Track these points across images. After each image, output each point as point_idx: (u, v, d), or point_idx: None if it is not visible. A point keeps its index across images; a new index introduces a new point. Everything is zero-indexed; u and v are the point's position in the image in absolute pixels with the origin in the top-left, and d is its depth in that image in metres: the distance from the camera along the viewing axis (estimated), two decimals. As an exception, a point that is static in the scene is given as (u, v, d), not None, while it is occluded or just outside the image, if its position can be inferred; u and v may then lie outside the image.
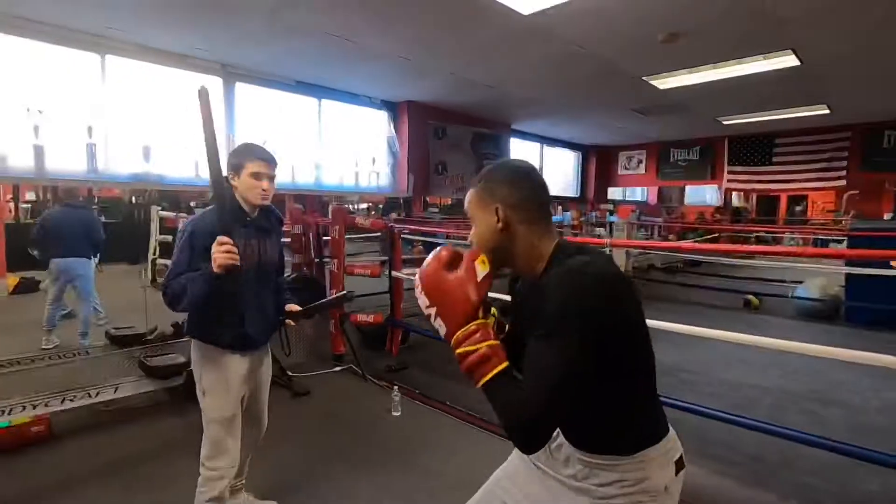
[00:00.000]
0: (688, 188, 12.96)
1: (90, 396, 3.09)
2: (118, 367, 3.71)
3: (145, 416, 3.43)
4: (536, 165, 6.17)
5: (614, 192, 10.95)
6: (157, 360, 3.48)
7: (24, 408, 2.90)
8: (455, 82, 4.88)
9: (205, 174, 4.68)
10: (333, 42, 3.76)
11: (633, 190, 10.80)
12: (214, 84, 4.33)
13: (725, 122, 7.24)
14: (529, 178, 1.01)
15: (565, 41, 3.69)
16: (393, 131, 5.69)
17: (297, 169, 4.89)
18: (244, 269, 1.80)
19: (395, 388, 3.63)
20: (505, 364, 0.87)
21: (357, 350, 4.52)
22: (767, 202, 14.80)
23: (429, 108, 5.97)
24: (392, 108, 5.76)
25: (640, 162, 9.84)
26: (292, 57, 4.21)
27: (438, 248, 0.98)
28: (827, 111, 6.45)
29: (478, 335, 0.87)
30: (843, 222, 8.08)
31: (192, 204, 13.33)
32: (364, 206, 15.01)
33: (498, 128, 7.15)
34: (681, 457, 1.02)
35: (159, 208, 8.74)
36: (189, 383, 1.94)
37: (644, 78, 4.77)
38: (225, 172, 1.85)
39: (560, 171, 10.23)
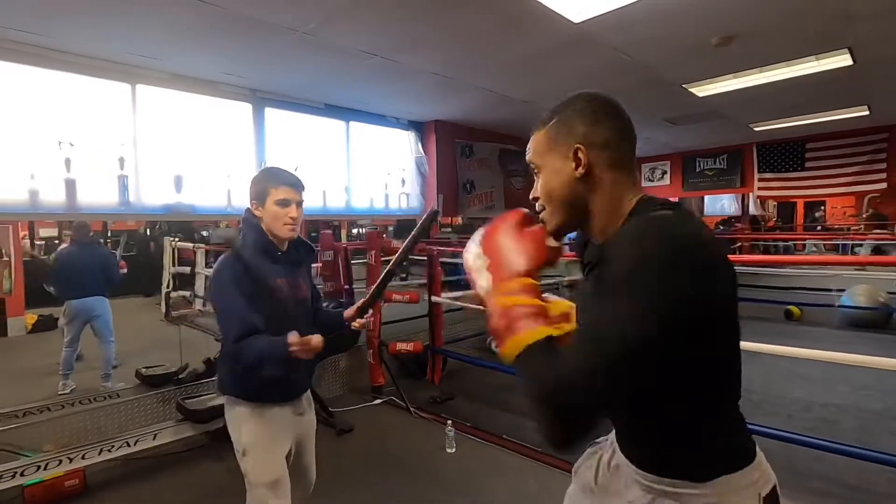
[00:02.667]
0: (706, 198, 12.75)
1: (129, 445, 2.88)
2: (153, 410, 3.50)
3: (183, 462, 3.21)
4: None
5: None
6: (195, 403, 3.26)
7: (60, 461, 2.68)
8: (489, 99, 4.74)
9: (237, 203, 4.58)
10: (368, 61, 3.63)
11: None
12: (244, 110, 4.21)
13: (756, 129, 7.05)
14: (618, 112, 0.83)
15: (612, 50, 3.54)
16: (421, 151, 5.56)
17: (328, 193, 4.74)
18: (289, 309, 1.66)
19: (449, 422, 3.39)
20: (546, 332, 0.68)
21: (396, 381, 4.30)
22: (786, 209, 14.51)
23: (456, 126, 5.84)
24: (419, 127, 5.64)
25: (664, 173, 9.64)
26: (322, 79, 4.09)
27: (514, 210, 0.85)
28: (866, 112, 6.24)
29: (518, 293, 0.72)
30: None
31: (204, 233, 13.31)
32: (365, 230, 14.79)
33: (524, 144, 6.99)
34: (773, 490, 0.79)
35: (173, 239, 8.67)
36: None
37: (684, 85, 4.61)
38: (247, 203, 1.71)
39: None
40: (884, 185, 7.39)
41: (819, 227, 13.54)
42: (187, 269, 6.68)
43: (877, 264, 6.11)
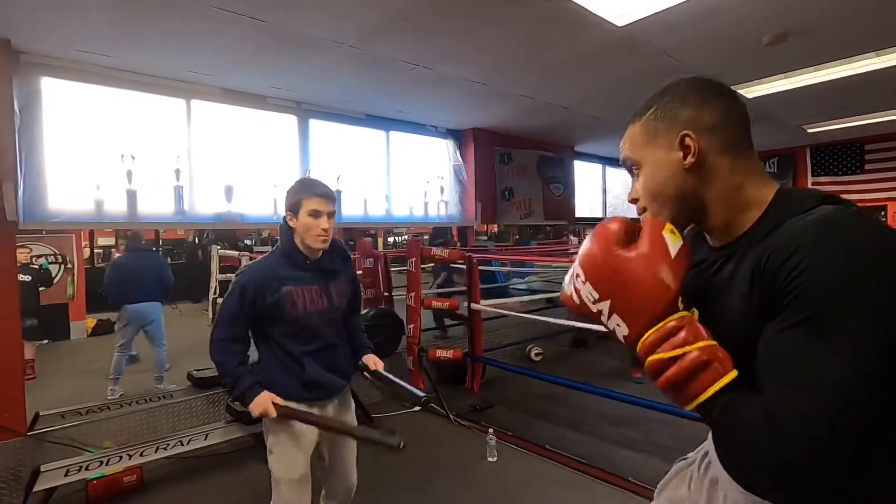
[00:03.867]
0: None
1: (182, 445, 2.99)
2: (203, 411, 3.64)
3: (231, 462, 3.31)
4: (598, 187, 5.89)
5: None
6: (244, 404, 3.38)
7: (121, 458, 2.82)
8: (528, 105, 4.72)
9: (283, 212, 4.72)
10: (409, 72, 3.69)
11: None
12: (290, 122, 4.36)
13: (810, 130, 6.71)
14: (727, 92, 0.74)
15: (657, 53, 3.46)
16: (460, 159, 5.58)
17: (368, 202, 4.82)
18: (310, 316, 1.74)
19: (490, 430, 3.36)
20: (734, 373, 0.58)
21: (436, 388, 4.30)
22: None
23: (494, 133, 5.84)
24: (457, 136, 5.67)
25: (709, 178, 9.28)
26: (364, 90, 4.18)
27: (605, 220, 0.71)
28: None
29: (682, 334, 0.60)
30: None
31: (247, 242, 13.78)
32: (406, 237, 14.94)
33: (562, 151, 6.94)
34: None
35: (219, 247, 9.02)
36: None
37: (733, 87, 4.44)
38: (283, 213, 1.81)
39: (624, 192, 9.85)
40: (954, 188, 6.88)
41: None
42: (232, 276, 6.91)
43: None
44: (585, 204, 7.61)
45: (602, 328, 0.72)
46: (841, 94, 4.79)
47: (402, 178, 5.19)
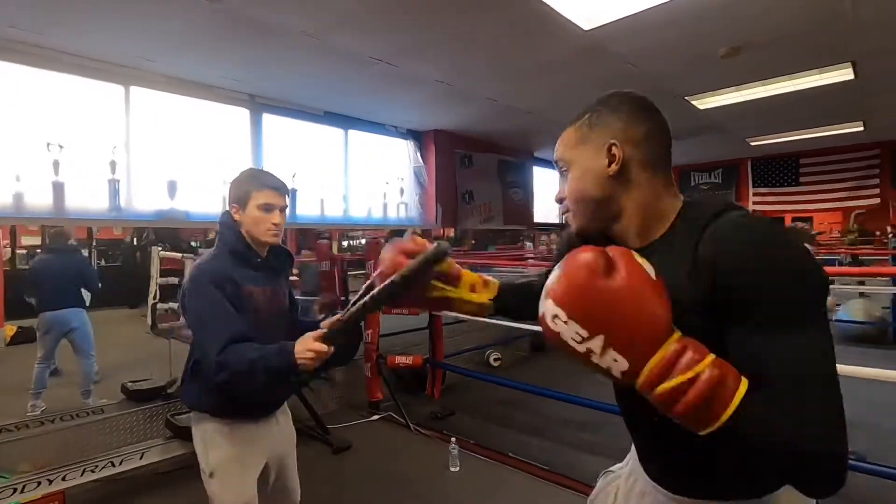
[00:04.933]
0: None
1: (113, 465, 2.69)
2: (140, 427, 3.32)
3: (172, 483, 3.02)
4: (555, 193, 6.01)
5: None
6: (186, 419, 3.08)
7: (39, 483, 2.49)
8: (492, 108, 4.69)
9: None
10: (373, 67, 3.56)
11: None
12: (241, 115, 4.10)
13: (753, 143, 7.10)
14: (655, 110, 0.77)
15: (619, 59, 3.50)
16: (420, 161, 5.48)
17: (326, 202, 4.63)
18: (262, 319, 1.51)
19: (453, 440, 3.25)
20: (745, 382, 0.59)
21: (395, 396, 4.15)
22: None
23: (455, 136, 5.78)
24: (417, 137, 5.57)
25: (659, 187, 9.67)
26: (324, 85, 4.00)
27: (578, 250, 0.65)
28: (861, 128, 6.32)
29: (689, 353, 0.59)
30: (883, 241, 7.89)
31: (193, 243, 13.06)
32: (364, 241, 14.64)
33: (522, 155, 6.98)
34: None
35: (160, 248, 8.48)
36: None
37: (686, 98, 4.60)
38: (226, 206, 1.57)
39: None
40: (877, 201, 7.47)
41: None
42: (175, 280, 6.50)
43: (884, 274, 6.14)
44: (542, 209, 7.70)
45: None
46: (784, 109, 5.07)
47: (361, 178, 5.03)
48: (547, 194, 7.98)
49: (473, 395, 4.67)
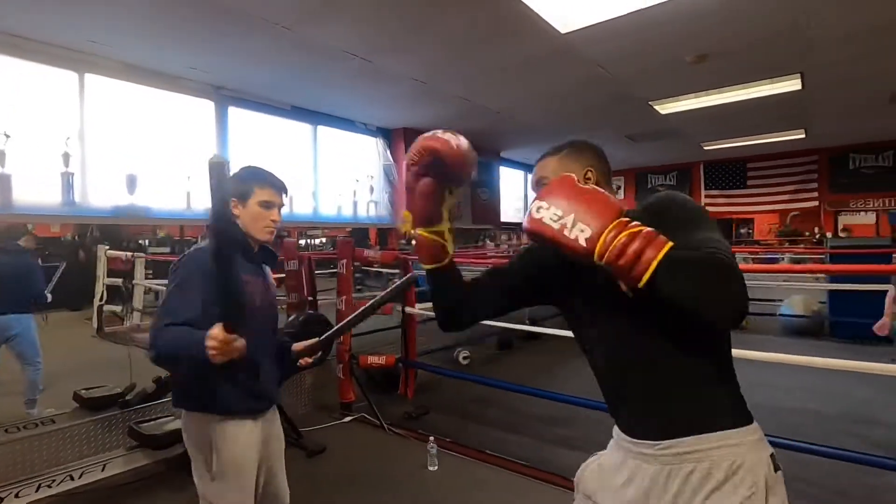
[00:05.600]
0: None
1: (73, 479, 2.51)
2: (97, 437, 3.10)
3: (136, 495, 2.85)
4: (520, 193, 6.07)
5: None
6: (151, 427, 2.91)
7: (-12, 502, 2.29)
8: (463, 108, 4.70)
9: (197, 206, 4.25)
10: (347, 62, 3.49)
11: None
12: (206, 107, 3.92)
13: (706, 148, 7.47)
14: (602, 152, 1.06)
15: (591, 63, 3.60)
16: (390, 159, 5.42)
17: (294, 199, 4.50)
18: (256, 312, 1.51)
19: (431, 439, 3.23)
20: (671, 243, 0.76)
21: (368, 396, 4.09)
22: (721, 224, 15.59)
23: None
24: (387, 134, 5.51)
25: (618, 188, 10.02)
26: (293, 79, 3.89)
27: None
28: (803, 136, 6.78)
29: (633, 224, 0.78)
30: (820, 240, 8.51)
31: (141, 242, 12.33)
32: (319, 240, 14.28)
33: (488, 155, 7.04)
34: (773, 455, 0.88)
35: (107, 247, 7.97)
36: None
37: (650, 102, 4.79)
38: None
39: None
40: (815, 204, 8.05)
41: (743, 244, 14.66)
42: (119, 281, 6.18)
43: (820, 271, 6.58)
44: (507, 209, 7.80)
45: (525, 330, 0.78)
46: (736, 116, 5.37)
47: (331, 175, 4.93)
48: (513, 194, 8.10)
49: (446, 394, 4.66)
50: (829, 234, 8.13)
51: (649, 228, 0.78)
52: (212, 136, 3.96)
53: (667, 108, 4.99)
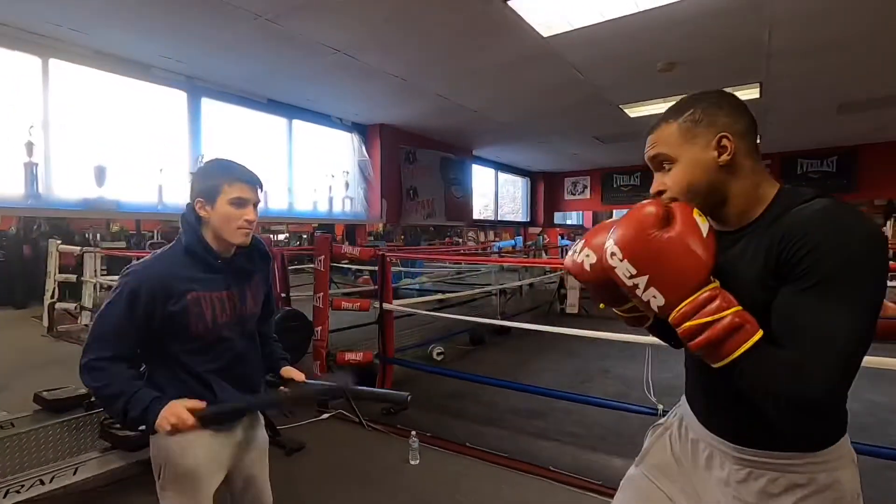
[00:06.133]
0: (615, 212, 13.92)
1: (43, 483, 2.40)
2: (65, 441, 2.97)
3: (110, 499, 2.76)
4: (491, 192, 6.16)
5: (560, 218, 11.38)
6: (125, 428, 2.82)
7: (-48, 510, 2.17)
8: (441, 106, 4.73)
9: (169, 200, 4.09)
10: (328, 57, 3.46)
11: (578, 214, 11.33)
12: (178, 98, 3.80)
13: (669, 151, 7.76)
14: (746, 107, 0.84)
15: (568, 67, 3.70)
16: (366, 154, 5.40)
17: (269, 194, 4.42)
18: (217, 329, 1.38)
19: (413, 433, 3.27)
20: (761, 332, 0.69)
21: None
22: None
23: (400, 131, 5.76)
24: (362, 130, 5.48)
25: (585, 187, 10.30)
26: (271, 71, 3.81)
27: (642, 203, 0.79)
28: (758, 141, 7.15)
29: (716, 303, 0.70)
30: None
31: (88, 235, 11.68)
32: (282, 236, 13.93)
33: (462, 153, 7.10)
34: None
35: (59, 242, 7.54)
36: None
37: (620, 106, 4.96)
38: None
39: (510, 196, 10.41)
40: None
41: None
42: (73, 278, 5.89)
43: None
44: (479, 207, 7.90)
45: (500, 325, 0.75)
46: (699, 120, 5.62)
47: (305, 171, 4.86)
48: (483, 192, 8.20)
49: (422, 390, 4.70)
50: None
51: (735, 309, 0.69)
52: (184, 129, 3.84)
53: (635, 111, 5.18)
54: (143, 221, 8.61)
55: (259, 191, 1.41)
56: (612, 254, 0.76)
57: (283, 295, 4.84)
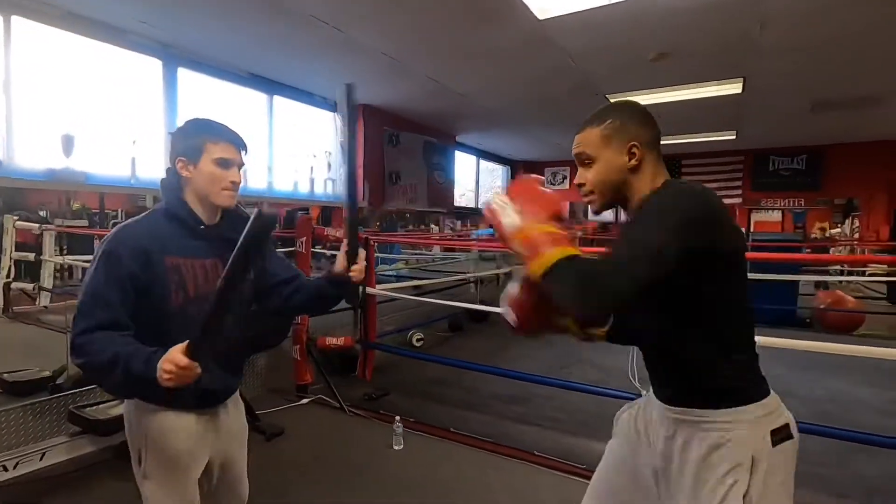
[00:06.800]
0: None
1: (6, 470, 2.27)
2: (29, 425, 2.82)
3: (80, 485, 2.63)
4: (472, 179, 6.16)
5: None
6: (95, 411, 2.68)
7: None
8: (430, 88, 4.64)
9: (143, 174, 3.88)
10: (317, 30, 3.32)
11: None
12: (153, 66, 3.59)
13: (648, 143, 7.86)
14: (654, 118, 1.03)
15: (562, 53, 3.67)
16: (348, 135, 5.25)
17: (248, 172, 4.25)
18: (199, 301, 1.28)
19: (398, 418, 3.24)
20: (576, 250, 0.85)
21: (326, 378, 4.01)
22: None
23: (384, 112, 5.63)
24: (345, 110, 5.33)
25: (564, 178, 10.36)
26: (254, 43, 3.64)
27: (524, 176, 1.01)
28: (734, 136, 7.34)
29: (553, 227, 0.87)
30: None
31: (42, 213, 11.06)
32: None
33: (445, 139, 7.02)
34: (785, 426, 0.94)
35: (16, 218, 7.12)
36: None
37: (607, 95, 4.97)
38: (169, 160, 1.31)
39: (490, 185, 10.38)
40: (739, 200, 8.79)
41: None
42: (31, 256, 5.60)
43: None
44: (458, 194, 7.84)
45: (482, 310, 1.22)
46: (680, 113, 5.71)
47: (287, 150, 4.71)
48: (463, 179, 8.14)
49: (403, 375, 4.67)
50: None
51: (558, 232, 0.87)
52: (159, 99, 3.64)
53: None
54: (108, 199, 8.14)
55: (244, 153, 1.34)
56: (502, 198, 0.94)
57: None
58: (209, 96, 4.01)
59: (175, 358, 1.08)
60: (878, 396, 4.05)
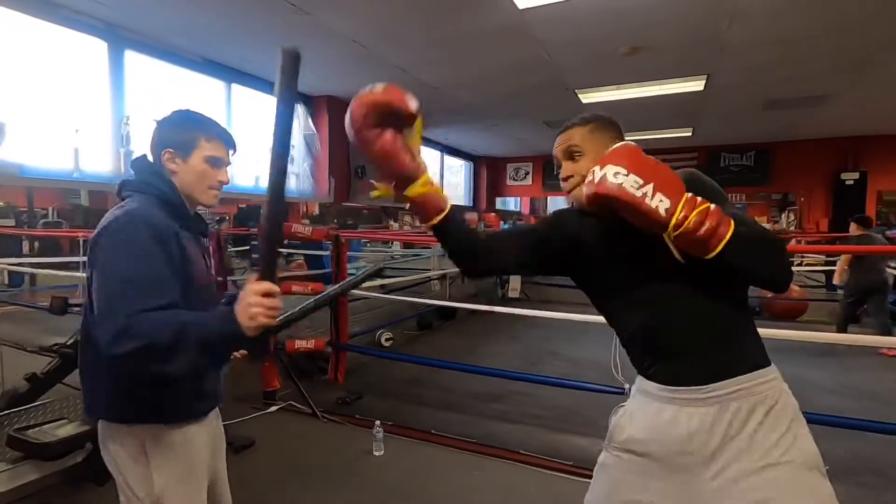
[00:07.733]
0: (549, 199, 14.34)
1: (-65, 505, 1.96)
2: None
3: (18, 517, 2.35)
4: (436, 174, 6.11)
5: (500, 203, 11.48)
6: (41, 433, 2.37)
7: None
8: (397, 79, 4.41)
9: (87, 167, 3.50)
10: (282, 13, 3.10)
11: (516, 200, 11.48)
12: (97, 48, 3.25)
13: (611, 139, 8.03)
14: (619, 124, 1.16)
15: (537, 45, 3.63)
16: (312, 128, 5.03)
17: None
18: (206, 289, 1.24)
19: (377, 423, 3.10)
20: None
21: (295, 383, 3.81)
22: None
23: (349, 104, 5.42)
24: (307, 102, 5.10)
25: (527, 173, 10.43)
26: (210, 27, 3.38)
27: (623, 145, 0.95)
28: (690, 133, 7.60)
29: (700, 201, 0.85)
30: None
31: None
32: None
33: (413, 133, 6.86)
34: None
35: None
36: (92, 461, 1.22)
37: (576, 91, 4.99)
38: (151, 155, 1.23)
39: (452, 182, 10.32)
40: (692, 195, 9.14)
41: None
42: None
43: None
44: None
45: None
46: (643, 109, 5.83)
47: (246, 143, 4.43)
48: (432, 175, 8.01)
49: (375, 377, 4.52)
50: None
51: (715, 205, 0.86)
52: (105, 84, 3.31)
53: (589, 97, 5.25)
54: (37, 196, 7.42)
55: (232, 152, 1.30)
56: (616, 173, 0.88)
57: (220, 279, 4.42)
58: (161, 82, 3.69)
59: (256, 289, 0.96)
60: (829, 379, 4.26)
